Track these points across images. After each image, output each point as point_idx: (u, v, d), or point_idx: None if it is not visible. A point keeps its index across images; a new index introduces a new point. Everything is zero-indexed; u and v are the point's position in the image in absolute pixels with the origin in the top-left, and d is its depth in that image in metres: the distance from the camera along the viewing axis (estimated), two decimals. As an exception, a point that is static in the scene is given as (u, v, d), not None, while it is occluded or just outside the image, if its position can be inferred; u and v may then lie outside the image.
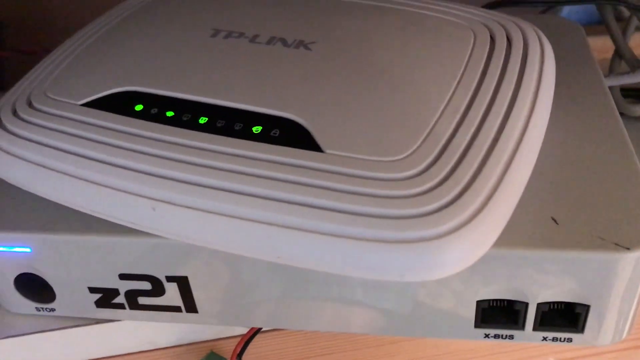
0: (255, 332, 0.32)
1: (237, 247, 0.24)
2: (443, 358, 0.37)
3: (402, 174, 0.24)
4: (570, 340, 0.28)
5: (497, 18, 0.32)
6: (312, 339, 0.35)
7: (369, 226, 0.22)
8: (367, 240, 0.22)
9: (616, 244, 0.24)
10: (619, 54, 0.42)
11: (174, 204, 0.25)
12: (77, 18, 0.39)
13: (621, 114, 0.34)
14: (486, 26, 0.31)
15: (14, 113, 0.30)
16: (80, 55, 0.32)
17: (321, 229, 0.23)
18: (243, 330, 0.33)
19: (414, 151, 0.24)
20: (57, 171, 0.27)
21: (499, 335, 0.28)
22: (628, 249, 0.24)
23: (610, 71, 0.42)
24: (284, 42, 0.30)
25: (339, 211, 0.23)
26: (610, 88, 0.37)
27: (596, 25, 0.49)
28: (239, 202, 0.24)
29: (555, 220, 0.26)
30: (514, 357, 0.37)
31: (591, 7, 0.53)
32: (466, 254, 0.22)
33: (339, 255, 0.23)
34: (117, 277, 0.29)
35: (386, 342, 0.36)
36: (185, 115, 0.27)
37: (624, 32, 0.43)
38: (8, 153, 0.28)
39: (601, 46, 0.47)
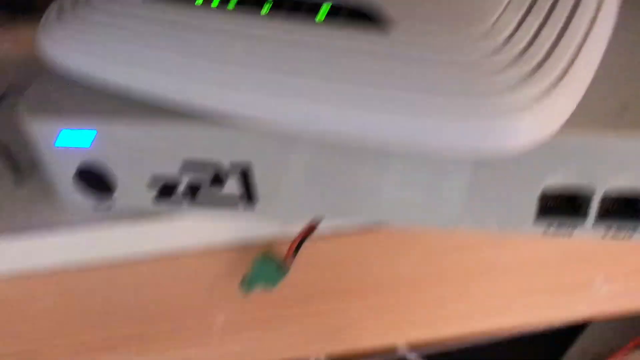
0: (310, 230, 0.32)
1: (310, 129, 0.24)
2: (495, 271, 0.37)
3: (482, 43, 0.23)
4: (631, 235, 0.28)
5: None
6: (362, 244, 0.35)
7: (455, 94, 0.22)
8: (454, 105, 0.22)
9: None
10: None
11: (240, 89, 0.25)
12: None
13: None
14: None
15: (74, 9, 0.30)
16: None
17: (400, 107, 0.23)
18: (295, 235, 0.33)
19: (492, 25, 0.24)
20: (123, 63, 0.27)
21: (561, 226, 0.28)
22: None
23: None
24: None
25: (416, 89, 0.23)
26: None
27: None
28: (313, 86, 0.24)
29: (625, 107, 0.26)
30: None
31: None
32: (545, 123, 0.22)
33: (410, 129, 0.23)
34: (181, 165, 0.29)
35: (439, 252, 0.36)
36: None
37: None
38: (72, 48, 0.29)
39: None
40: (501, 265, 0.37)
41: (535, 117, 0.22)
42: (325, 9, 0.26)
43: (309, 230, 0.32)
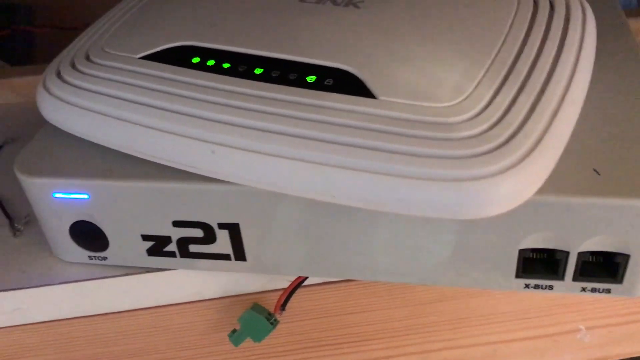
0: (299, 283, 0.33)
1: (294, 188, 0.25)
2: (478, 321, 0.38)
3: (454, 118, 0.25)
4: (608, 291, 0.29)
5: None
6: (351, 295, 0.36)
7: (425, 166, 0.23)
8: (424, 179, 0.23)
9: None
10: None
11: (232, 147, 0.26)
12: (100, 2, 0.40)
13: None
14: (529, -9, 0.32)
15: (73, 67, 0.31)
16: (136, 14, 0.34)
17: (379, 169, 0.24)
18: (286, 284, 0.34)
19: (466, 98, 0.25)
20: (119, 119, 0.28)
21: (538, 286, 0.29)
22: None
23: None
24: (333, 1, 0.31)
25: (395, 152, 0.24)
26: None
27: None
28: (296, 145, 0.25)
29: (597, 172, 0.27)
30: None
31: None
32: (515, 192, 0.23)
33: (394, 193, 0.24)
34: (171, 224, 0.30)
35: (425, 302, 0.37)
36: (242, 66, 0.28)
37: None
38: (69, 103, 0.30)
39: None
40: (485, 314, 0.38)
41: (508, 185, 0.23)
42: (311, 78, 0.27)
43: (296, 284, 0.33)
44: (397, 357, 0.39)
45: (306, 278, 0.33)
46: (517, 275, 0.29)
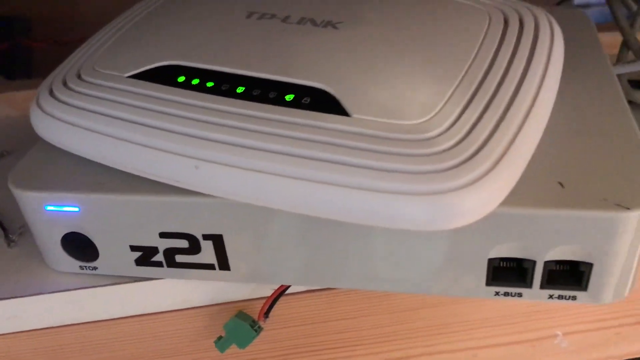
0: (281, 291, 0.34)
1: (272, 200, 0.27)
2: (459, 326, 0.39)
3: (422, 135, 0.26)
4: (574, 298, 0.30)
5: (511, 4, 0.35)
6: (334, 302, 0.37)
7: (395, 180, 0.25)
8: (393, 192, 0.25)
9: (618, 205, 0.27)
10: (627, 45, 0.44)
11: (214, 162, 0.27)
12: (98, 16, 0.42)
13: (629, 102, 0.36)
14: (501, 10, 0.34)
15: (65, 84, 0.33)
16: (125, 34, 0.35)
17: (350, 183, 0.25)
18: (270, 292, 0.35)
19: (435, 115, 0.27)
20: (108, 135, 0.30)
21: (508, 293, 0.30)
22: (628, 208, 0.26)
23: (618, 61, 0.44)
24: (313, 22, 0.32)
25: (366, 167, 0.26)
26: (618, 76, 0.39)
27: (606, 23, 0.52)
28: (274, 160, 0.26)
29: (561, 184, 0.28)
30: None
31: (603, 9, 0.55)
32: (479, 205, 0.25)
33: (366, 206, 0.25)
34: (158, 236, 0.31)
35: (407, 309, 0.38)
36: (224, 85, 0.30)
37: (632, 24, 0.45)
38: (60, 120, 0.31)
39: (611, 42, 0.49)
40: (467, 320, 0.40)
41: (472, 198, 0.25)
42: (290, 96, 0.29)
43: (279, 292, 0.34)
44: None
45: (289, 286, 0.34)
46: (487, 283, 0.30)
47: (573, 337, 0.41)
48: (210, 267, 0.32)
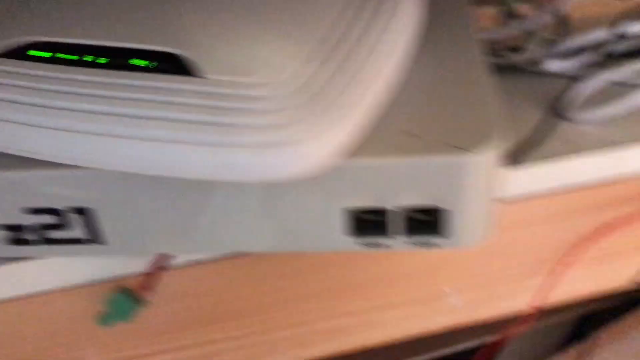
0: (161, 260, 0.34)
1: (118, 163, 0.27)
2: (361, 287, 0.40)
3: (273, 92, 0.27)
4: (437, 245, 0.31)
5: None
6: (221, 272, 0.37)
7: (243, 134, 0.26)
8: (240, 146, 0.26)
9: (456, 147, 0.27)
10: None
11: (68, 131, 0.27)
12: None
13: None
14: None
15: None
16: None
17: (193, 139, 0.26)
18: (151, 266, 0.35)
19: (288, 75, 0.27)
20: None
21: (377, 244, 0.31)
22: (467, 150, 0.27)
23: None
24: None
25: (211, 123, 0.26)
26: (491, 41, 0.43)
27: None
28: (120, 123, 0.27)
29: (409, 133, 0.29)
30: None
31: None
32: (321, 155, 0.26)
33: (210, 161, 0.26)
34: (20, 212, 0.31)
35: (294, 274, 0.39)
36: (75, 55, 0.30)
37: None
38: None
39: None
40: (358, 281, 0.40)
41: (311, 149, 0.25)
42: (143, 62, 0.29)
43: (159, 262, 0.34)
44: (272, 330, 0.40)
45: (169, 255, 0.34)
46: (352, 235, 0.31)
47: (465, 295, 0.42)
48: (86, 242, 0.32)
